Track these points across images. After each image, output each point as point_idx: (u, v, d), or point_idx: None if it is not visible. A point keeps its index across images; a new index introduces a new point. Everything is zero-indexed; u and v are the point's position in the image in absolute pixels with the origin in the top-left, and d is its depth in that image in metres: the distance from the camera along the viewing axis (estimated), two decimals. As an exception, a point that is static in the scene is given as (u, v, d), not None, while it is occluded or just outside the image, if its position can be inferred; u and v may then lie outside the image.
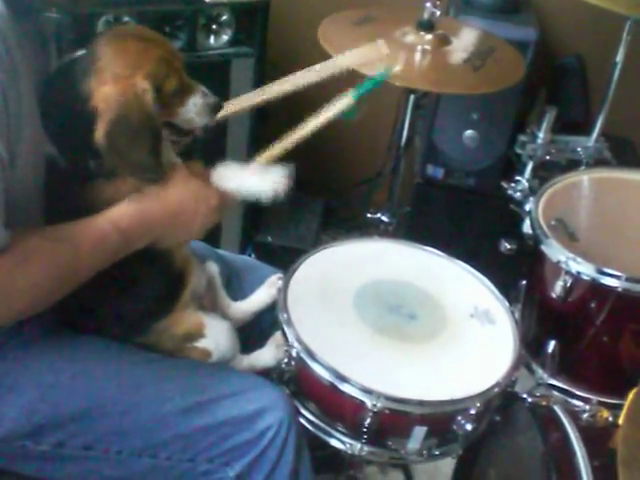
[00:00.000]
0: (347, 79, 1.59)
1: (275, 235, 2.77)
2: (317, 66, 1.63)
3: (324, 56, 1.87)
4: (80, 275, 1.27)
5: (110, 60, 1.27)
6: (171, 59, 1.32)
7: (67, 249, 1.25)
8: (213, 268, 1.58)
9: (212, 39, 2.30)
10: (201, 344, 1.45)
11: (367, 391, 1.39)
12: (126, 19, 2.14)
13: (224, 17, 2.28)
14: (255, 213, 2.72)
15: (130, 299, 1.39)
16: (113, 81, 1.25)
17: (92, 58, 1.27)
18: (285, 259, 1.72)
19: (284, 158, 1.45)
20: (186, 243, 1.46)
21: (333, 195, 2.99)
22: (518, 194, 1.99)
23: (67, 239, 1.25)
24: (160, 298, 1.42)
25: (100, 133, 1.24)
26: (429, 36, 1.95)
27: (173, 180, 1.34)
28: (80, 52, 1.31)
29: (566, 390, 1.80)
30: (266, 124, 2.57)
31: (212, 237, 1.66)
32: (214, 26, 2.28)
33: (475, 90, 2.00)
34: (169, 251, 1.39)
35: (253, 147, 2.43)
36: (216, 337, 1.46)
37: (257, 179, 1.37)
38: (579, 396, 1.78)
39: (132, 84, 1.25)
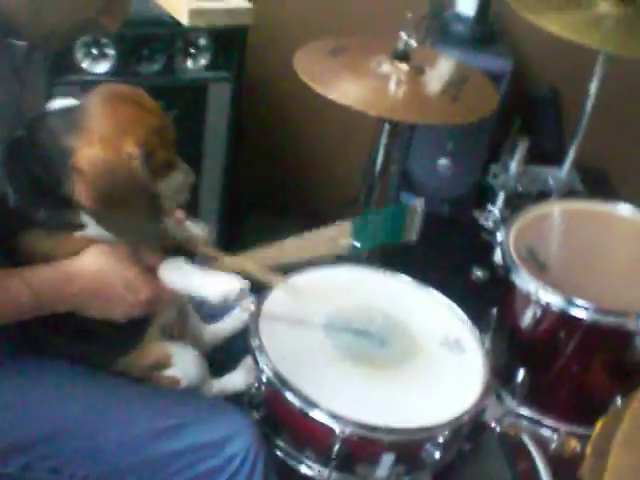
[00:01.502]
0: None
1: (249, 259, 2.76)
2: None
3: (300, 82, 1.89)
4: None
5: (101, 121, 1.23)
6: (164, 131, 1.27)
7: None
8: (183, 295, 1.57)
9: (190, 63, 2.30)
10: (169, 372, 1.44)
11: (336, 417, 1.39)
12: (104, 41, 2.15)
13: (202, 41, 2.28)
14: (229, 237, 2.71)
15: (93, 338, 1.36)
16: (100, 143, 1.21)
17: (82, 114, 1.24)
18: (259, 283, 1.71)
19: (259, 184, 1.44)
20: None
21: (307, 221, 2.99)
22: (490, 223, 2.01)
23: None
24: (126, 335, 1.39)
25: (85, 196, 1.20)
26: (404, 66, 1.97)
27: (112, 259, 1.29)
28: (69, 102, 1.29)
29: (535, 419, 1.81)
30: (243, 144, 2.58)
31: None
32: (192, 50, 2.29)
33: (451, 120, 2.02)
34: None
35: (229, 168, 2.43)
36: (184, 366, 1.45)
37: (206, 283, 1.32)
38: (548, 425, 1.79)
39: (120, 150, 1.21)
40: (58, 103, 1.35)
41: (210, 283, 1.32)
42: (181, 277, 1.33)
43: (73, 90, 1.98)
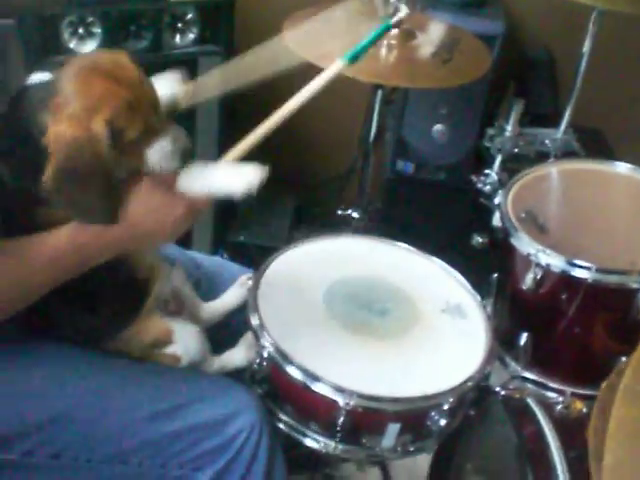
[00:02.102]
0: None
1: (247, 234, 2.76)
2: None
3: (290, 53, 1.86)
4: (33, 291, 1.24)
5: (70, 97, 1.19)
6: (138, 103, 1.22)
7: (20, 265, 1.22)
8: (179, 272, 1.56)
9: (178, 38, 2.28)
10: (170, 350, 1.44)
11: (339, 390, 1.38)
12: (90, 19, 2.12)
13: (189, 15, 2.26)
14: (227, 212, 2.71)
15: (92, 309, 1.36)
16: (68, 121, 1.17)
17: (53, 90, 1.20)
18: (258, 258, 1.71)
19: (254, 156, 1.42)
20: (152, 250, 1.44)
21: (304, 192, 2.98)
22: (488, 187, 2.00)
23: (21, 254, 1.22)
24: (123, 307, 1.39)
25: (47, 176, 1.17)
26: (395, 31, 1.94)
27: (135, 194, 1.27)
28: (46, 75, 1.26)
29: (539, 382, 1.80)
30: (235, 124, 2.56)
31: (184, 238, 1.64)
32: (179, 25, 2.27)
33: (443, 83, 1.99)
34: (132, 260, 1.37)
35: (223, 148, 2.40)
36: (185, 342, 1.44)
37: (226, 178, 1.31)
38: (553, 388, 1.78)
39: (87, 128, 1.17)
40: (37, 77, 1.32)
41: (231, 178, 1.30)
42: (202, 182, 1.30)
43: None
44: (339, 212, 2.24)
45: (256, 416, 1.39)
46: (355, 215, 2.22)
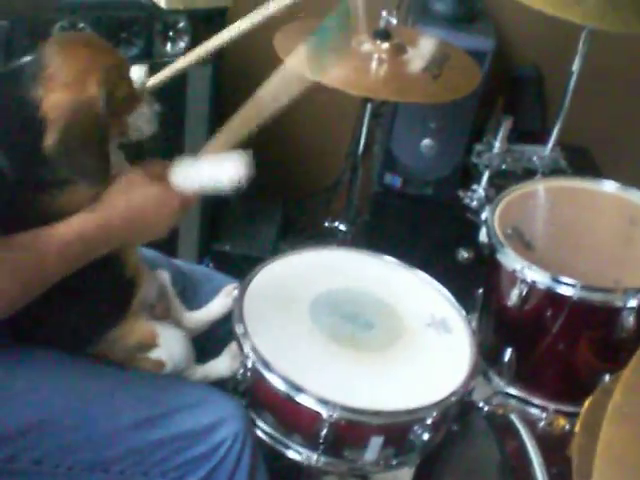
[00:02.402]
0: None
1: (233, 244, 2.76)
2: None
3: (281, 63, 1.87)
4: (47, 281, 1.26)
5: (60, 67, 1.24)
6: (120, 66, 1.31)
7: (32, 258, 1.24)
8: (164, 276, 1.56)
9: (169, 46, 2.28)
10: (154, 354, 1.43)
11: (323, 402, 1.38)
12: (81, 25, 2.12)
13: (181, 24, 2.26)
14: (213, 221, 2.70)
15: (78, 309, 1.36)
16: (63, 88, 1.23)
17: (40, 65, 1.25)
18: (244, 268, 1.70)
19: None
20: (138, 249, 1.45)
21: (291, 204, 2.98)
22: (475, 203, 2.00)
23: (32, 248, 1.24)
24: (109, 307, 1.39)
25: (50, 140, 1.21)
26: (385, 45, 1.95)
27: (133, 185, 1.33)
28: (26, 58, 1.29)
29: (523, 398, 1.80)
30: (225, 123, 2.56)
31: (169, 246, 1.64)
32: (171, 33, 2.26)
33: (433, 99, 2.00)
34: (119, 259, 1.37)
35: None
36: (170, 347, 1.44)
37: (219, 173, 1.34)
38: (536, 404, 1.79)
39: (83, 91, 1.23)
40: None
41: (220, 170, 1.34)
42: (192, 176, 1.36)
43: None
44: (326, 224, 2.24)
45: (240, 425, 1.39)
46: (342, 227, 2.22)
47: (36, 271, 1.25)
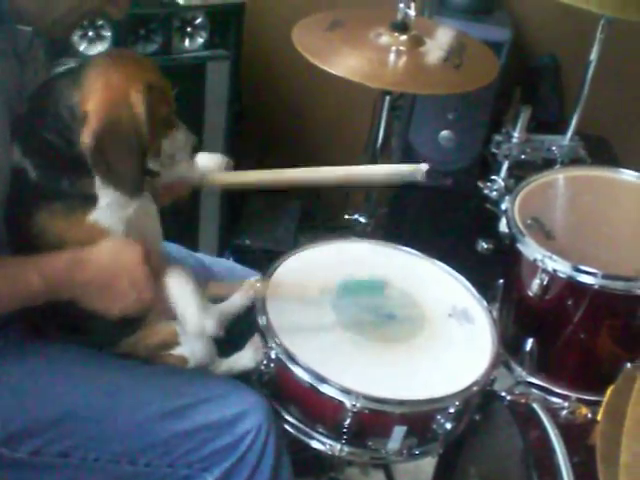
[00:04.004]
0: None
1: (253, 238, 2.77)
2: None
3: (299, 58, 1.88)
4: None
5: (105, 73, 1.26)
6: (164, 89, 1.31)
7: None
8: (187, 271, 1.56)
9: (187, 42, 2.29)
10: (177, 351, 1.44)
11: (346, 391, 1.39)
12: (100, 23, 2.14)
13: (199, 20, 2.27)
14: (233, 216, 2.71)
15: (98, 316, 1.34)
16: (106, 88, 1.24)
17: (85, 71, 1.26)
18: (263, 261, 1.71)
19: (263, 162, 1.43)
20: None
21: (310, 197, 2.99)
22: (494, 193, 2.00)
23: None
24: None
25: (88, 134, 1.22)
26: (403, 37, 1.95)
27: (125, 255, 1.30)
28: (64, 68, 1.31)
29: (545, 388, 1.81)
30: (243, 124, 2.57)
31: (190, 241, 1.64)
32: (189, 29, 2.28)
33: (451, 90, 2.01)
34: None
35: (230, 146, 2.42)
36: (192, 344, 1.45)
37: (190, 317, 1.34)
38: (558, 393, 1.79)
39: (126, 93, 1.24)
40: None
41: (192, 318, 1.34)
42: (177, 292, 1.34)
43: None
44: (345, 217, 2.24)
45: (264, 417, 1.40)
46: (361, 220, 2.22)
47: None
